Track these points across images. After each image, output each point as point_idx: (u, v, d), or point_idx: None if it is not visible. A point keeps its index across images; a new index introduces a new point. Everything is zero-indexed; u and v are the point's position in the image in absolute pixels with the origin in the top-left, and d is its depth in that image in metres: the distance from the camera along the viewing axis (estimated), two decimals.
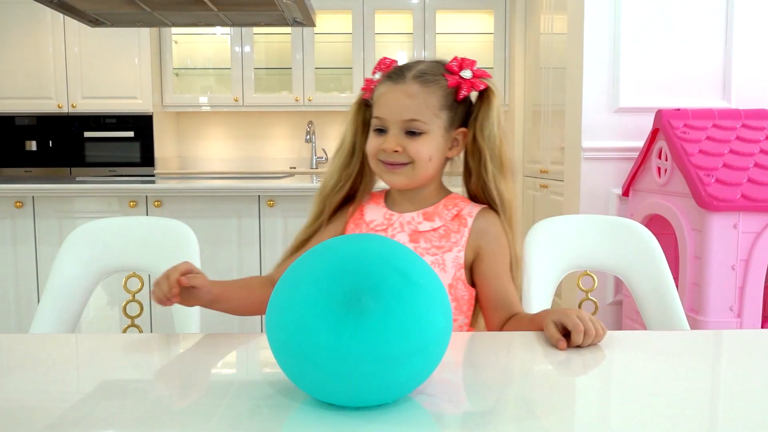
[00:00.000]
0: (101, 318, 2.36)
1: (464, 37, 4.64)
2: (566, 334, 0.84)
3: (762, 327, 2.14)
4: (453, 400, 0.65)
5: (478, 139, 1.06)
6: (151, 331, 2.27)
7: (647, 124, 2.70)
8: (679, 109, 2.42)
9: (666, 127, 2.36)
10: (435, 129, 1.03)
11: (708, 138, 2.30)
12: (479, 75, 1.05)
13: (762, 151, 2.25)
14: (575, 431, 0.61)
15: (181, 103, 4.53)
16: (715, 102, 2.81)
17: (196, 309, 1.21)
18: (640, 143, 2.71)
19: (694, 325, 2.10)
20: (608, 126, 2.87)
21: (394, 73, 1.04)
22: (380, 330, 0.54)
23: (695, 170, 2.17)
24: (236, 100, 4.47)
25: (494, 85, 1.06)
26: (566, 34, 3.10)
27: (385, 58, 1.08)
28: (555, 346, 0.83)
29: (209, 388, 0.71)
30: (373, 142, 1.05)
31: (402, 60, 1.11)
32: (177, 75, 4.59)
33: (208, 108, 4.56)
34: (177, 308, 1.23)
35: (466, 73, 1.04)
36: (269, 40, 4.66)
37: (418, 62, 1.06)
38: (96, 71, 4.23)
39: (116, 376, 0.76)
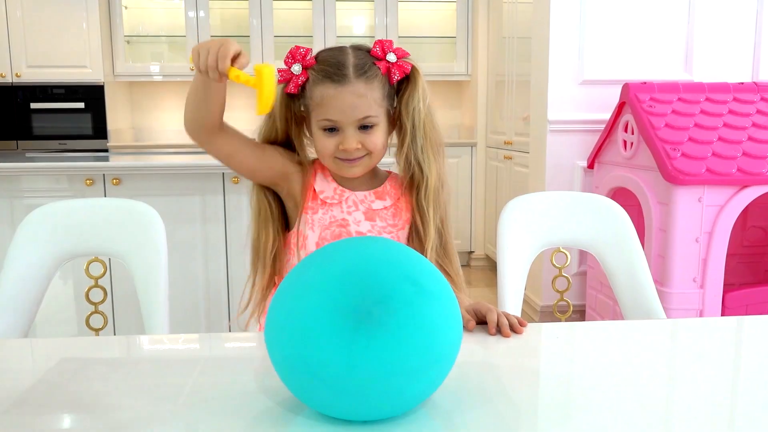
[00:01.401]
0: (58, 308, 2.27)
1: (426, 5, 4.56)
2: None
3: (723, 297, 2.20)
4: (461, 407, 0.63)
5: (402, 115, 1.09)
6: (114, 318, 2.19)
7: (611, 96, 2.72)
8: (645, 83, 2.43)
9: (633, 100, 2.37)
10: (382, 118, 1.07)
11: (674, 112, 2.33)
12: (401, 55, 1.08)
13: (725, 125, 2.29)
14: None
15: (134, 72, 4.34)
16: (678, 74, 2.84)
17: (164, 304, 1.17)
18: (605, 115, 2.72)
19: (659, 296, 2.14)
20: (573, 98, 2.87)
21: (333, 73, 1.03)
22: (394, 344, 0.51)
23: (662, 144, 2.19)
24: (192, 69, 4.30)
25: (416, 64, 1.10)
26: (532, 4, 3.07)
27: (298, 48, 1.06)
28: (465, 327, 0.90)
29: (203, 402, 0.66)
30: (328, 143, 1.06)
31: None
32: (128, 42, 4.38)
33: (162, 77, 4.38)
34: (144, 299, 1.18)
35: (391, 57, 1.07)
36: (225, 6, 4.49)
37: (341, 52, 1.06)
38: (41, 38, 4.00)
39: (107, 386, 0.71)
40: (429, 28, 4.56)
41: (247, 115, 5.09)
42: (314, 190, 1.12)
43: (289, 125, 1.11)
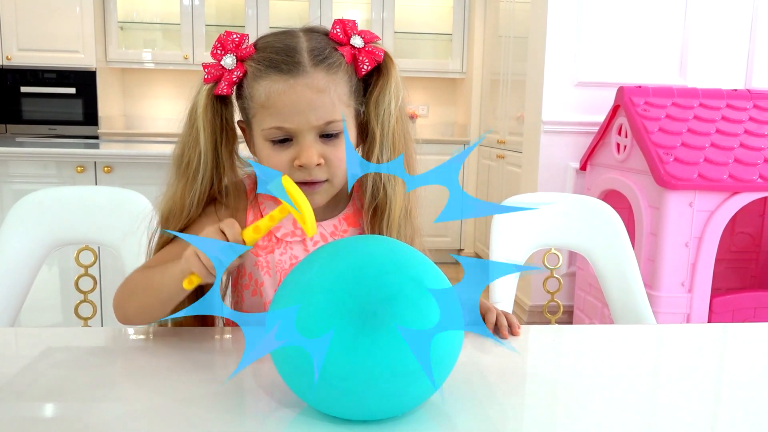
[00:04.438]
0: (43, 296, 2.25)
1: (423, 1, 4.56)
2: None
3: (710, 301, 2.22)
4: (460, 409, 0.63)
5: (370, 118, 0.84)
6: (102, 307, 2.17)
7: (606, 98, 2.73)
8: (640, 86, 2.44)
9: (627, 104, 2.38)
10: (349, 122, 0.82)
11: (667, 116, 2.34)
12: (369, 39, 0.83)
13: (718, 131, 2.30)
14: None
15: (127, 59, 4.30)
16: (672, 79, 2.86)
17: None
18: (599, 118, 2.74)
19: (648, 299, 2.16)
20: (568, 99, 2.88)
21: (281, 61, 0.78)
22: (398, 345, 0.51)
23: (655, 148, 2.20)
24: (186, 58, 4.28)
25: (389, 52, 0.85)
26: (529, 3, 3.07)
27: (230, 34, 0.80)
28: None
29: (198, 397, 0.65)
30: (279, 159, 0.80)
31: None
32: (122, 28, 4.34)
33: (155, 65, 4.35)
34: None
35: (357, 41, 0.81)
36: None
37: (290, 35, 0.81)
38: (33, 21, 3.95)
39: (92, 378, 0.70)
40: (425, 24, 4.56)
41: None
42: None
43: (218, 143, 0.83)
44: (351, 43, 0.82)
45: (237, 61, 0.80)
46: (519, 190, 3.12)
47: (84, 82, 4.05)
